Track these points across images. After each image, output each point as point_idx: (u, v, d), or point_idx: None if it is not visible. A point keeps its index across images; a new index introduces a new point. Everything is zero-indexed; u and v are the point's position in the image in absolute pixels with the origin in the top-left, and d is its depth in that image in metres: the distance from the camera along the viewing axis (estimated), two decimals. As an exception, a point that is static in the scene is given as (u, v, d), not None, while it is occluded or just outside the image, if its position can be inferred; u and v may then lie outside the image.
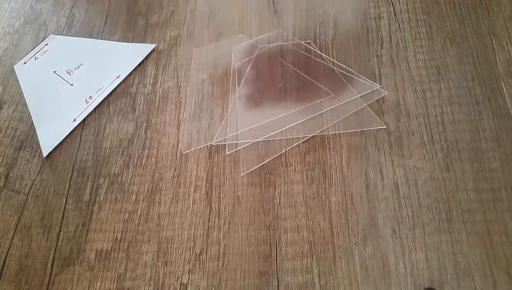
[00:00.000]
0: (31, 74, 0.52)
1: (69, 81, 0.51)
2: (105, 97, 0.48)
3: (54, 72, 0.52)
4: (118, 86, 0.49)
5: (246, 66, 0.47)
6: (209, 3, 0.53)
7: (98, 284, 0.37)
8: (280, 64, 0.46)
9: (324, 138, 0.41)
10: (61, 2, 0.58)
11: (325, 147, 0.40)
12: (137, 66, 0.50)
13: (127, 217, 0.40)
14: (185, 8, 0.53)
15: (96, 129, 0.46)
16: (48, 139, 0.46)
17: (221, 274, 0.36)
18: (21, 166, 0.45)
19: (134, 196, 0.41)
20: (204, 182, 0.41)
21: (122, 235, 0.39)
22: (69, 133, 0.46)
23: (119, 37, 0.53)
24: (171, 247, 0.38)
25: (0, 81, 0.52)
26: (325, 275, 0.35)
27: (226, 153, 0.42)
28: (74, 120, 0.47)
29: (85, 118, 0.47)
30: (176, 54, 0.50)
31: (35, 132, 0.47)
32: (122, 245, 0.39)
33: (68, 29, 0.55)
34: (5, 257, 0.40)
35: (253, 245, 0.37)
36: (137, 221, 0.40)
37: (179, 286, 0.36)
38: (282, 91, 0.44)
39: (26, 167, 0.45)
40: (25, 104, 0.49)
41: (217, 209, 0.39)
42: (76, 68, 0.52)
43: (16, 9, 0.59)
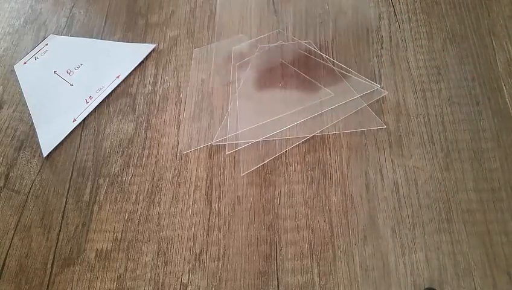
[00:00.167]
0: (31, 74, 0.52)
1: (69, 81, 0.51)
2: (105, 97, 0.48)
3: (54, 72, 0.52)
4: (118, 86, 0.49)
5: (246, 66, 0.47)
6: (209, 3, 0.53)
7: (98, 284, 0.37)
8: (280, 64, 0.46)
9: (324, 138, 0.41)
10: (61, 2, 0.58)
11: (325, 147, 0.40)
12: (137, 66, 0.50)
13: (127, 217, 0.40)
14: (185, 8, 0.53)
15: (96, 129, 0.46)
16: (48, 139, 0.46)
17: (221, 274, 0.36)
18: (21, 166, 0.45)
19: (134, 196, 0.41)
20: (204, 182, 0.41)
21: (122, 235, 0.39)
22: (69, 133, 0.46)
23: (119, 37, 0.53)
24: (171, 247, 0.38)
25: (0, 81, 0.52)
26: (325, 275, 0.35)
27: (226, 153, 0.42)
28: (74, 120, 0.47)
29: (85, 118, 0.47)
30: (176, 54, 0.50)
31: (35, 132, 0.47)
32: (122, 245, 0.39)
33: (68, 29, 0.55)
34: (5, 257, 0.40)
35: (253, 245, 0.37)
36: (137, 221, 0.40)
37: (179, 286, 0.36)
38: (282, 91, 0.44)
39: (26, 167, 0.45)
40: (25, 104, 0.49)
41: (217, 209, 0.39)
42: (76, 68, 0.52)
43: (16, 9, 0.59)
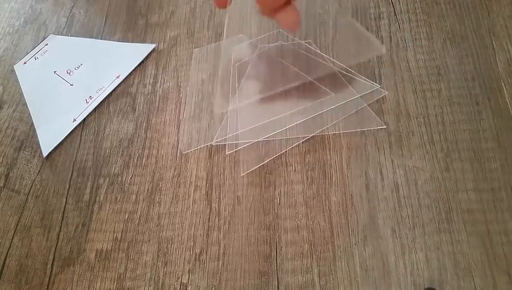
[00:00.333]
0: (31, 74, 0.52)
1: (69, 81, 0.51)
2: (105, 97, 0.48)
3: (54, 72, 0.52)
4: (118, 86, 0.49)
5: (246, 66, 0.47)
6: (209, 3, 0.53)
7: (98, 284, 0.37)
8: (280, 64, 0.46)
9: (324, 138, 0.41)
10: (61, 2, 0.58)
11: (325, 147, 0.40)
12: (137, 66, 0.50)
13: (127, 217, 0.40)
14: (185, 8, 0.53)
15: (96, 129, 0.46)
16: (48, 139, 0.46)
17: (221, 274, 0.36)
18: (21, 166, 0.45)
19: (134, 196, 0.41)
20: (204, 182, 0.41)
21: (122, 235, 0.39)
22: (69, 133, 0.46)
23: (119, 37, 0.53)
24: (171, 247, 0.38)
25: (0, 81, 0.52)
26: (325, 275, 0.35)
27: (226, 153, 0.42)
28: (74, 120, 0.47)
29: (85, 118, 0.47)
30: (176, 54, 0.50)
31: (35, 132, 0.47)
32: (122, 245, 0.39)
33: (68, 29, 0.55)
34: (5, 257, 0.40)
35: (253, 245, 0.37)
36: (137, 221, 0.40)
37: (179, 286, 0.36)
38: (282, 91, 0.44)
39: (26, 167, 0.45)
40: (25, 104, 0.49)
41: (217, 209, 0.39)
42: (76, 68, 0.52)
43: (16, 9, 0.59)
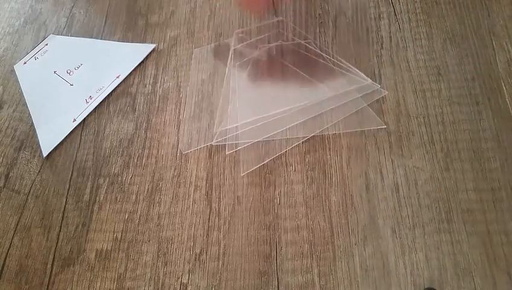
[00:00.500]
0: (31, 74, 0.52)
1: (69, 81, 0.51)
2: (105, 97, 0.48)
3: (54, 72, 0.52)
4: (118, 86, 0.49)
5: (246, 66, 0.47)
6: (209, 3, 0.53)
7: (98, 284, 0.37)
8: (280, 64, 0.46)
9: (324, 138, 0.41)
10: (61, 2, 0.58)
11: (325, 147, 0.40)
12: (137, 66, 0.50)
13: (127, 217, 0.40)
14: (185, 8, 0.53)
15: (96, 129, 0.46)
16: (48, 139, 0.46)
17: (221, 274, 0.36)
18: (21, 166, 0.45)
19: (134, 196, 0.41)
20: (204, 182, 0.41)
21: (122, 235, 0.39)
22: (69, 133, 0.46)
23: (119, 37, 0.53)
24: (171, 247, 0.38)
25: (0, 81, 0.52)
26: (325, 275, 0.35)
27: (226, 153, 0.42)
28: (74, 120, 0.47)
29: (85, 118, 0.47)
30: (176, 54, 0.50)
31: (35, 132, 0.47)
32: (122, 245, 0.39)
33: (68, 29, 0.55)
34: (5, 257, 0.40)
35: (253, 245, 0.37)
36: (137, 221, 0.40)
37: (179, 286, 0.36)
38: (283, 91, 0.44)
39: (26, 167, 0.45)
40: (25, 104, 0.49)
41: (217, 209, 0.39)
42: (76, 68, 0.52)
43: (16, 9, 0.59)
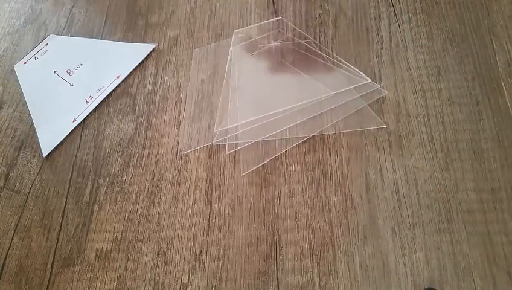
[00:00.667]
0: (31, 74, 0.52)
1: (69, 81, 0.51)
2: (105, 97, 0.48)
3: (54, 72, 0.52)
4: (118, 86, 0.49)
5: (246, 65, 0.47)
6: (209, 3, 0.53)
7: (98, 284, 0.37)
8: (280, 64, 0.46)
9: (324, 138, 0.41)
10: (61, 2, 0.58)
11: (325, 147, 0.40)
12: (137, 66, 0.50)
13: (127, 217, 0.40)
14: (185, 8, 0.53)
15: (96, 129, 0.46)
16: (48, 139, 0.46)
17: (221, 274, 0.36)
18: (21, 166, 0.45)
19: (134, 196, 0.41)
20: (204, 182, 0.41)
21: (122, 235, 0.39)
22: (69, 133, 0.46)
23: (119, 37, 0.53)
24: (171, 247, 0.38)
25: (0, 81, 0.52)
26: (325, 275, 0.35)
27: (226, 153, 0.42)
28: (74, 120, 0.47)
29: (85, 118, 0.47)
30: (176, 54, 0.50)
31: (35, 132, 0.47)
32: (122, 245, 0.39)
33: (68, 29, 0.55)
34: (5, 257, 0.40)
35: (253, 245, 0.37)
36: (137, 221, 0.40)
37: (179, 286, 0.36)
38: (283, 91, 0.44)
39: (26, 167, 0.45)
40: (25, 104, 0.49)
41: (217, 209, 0.39)
42: (76, 68, 0.52)
43: (16, 9, 0.59)
